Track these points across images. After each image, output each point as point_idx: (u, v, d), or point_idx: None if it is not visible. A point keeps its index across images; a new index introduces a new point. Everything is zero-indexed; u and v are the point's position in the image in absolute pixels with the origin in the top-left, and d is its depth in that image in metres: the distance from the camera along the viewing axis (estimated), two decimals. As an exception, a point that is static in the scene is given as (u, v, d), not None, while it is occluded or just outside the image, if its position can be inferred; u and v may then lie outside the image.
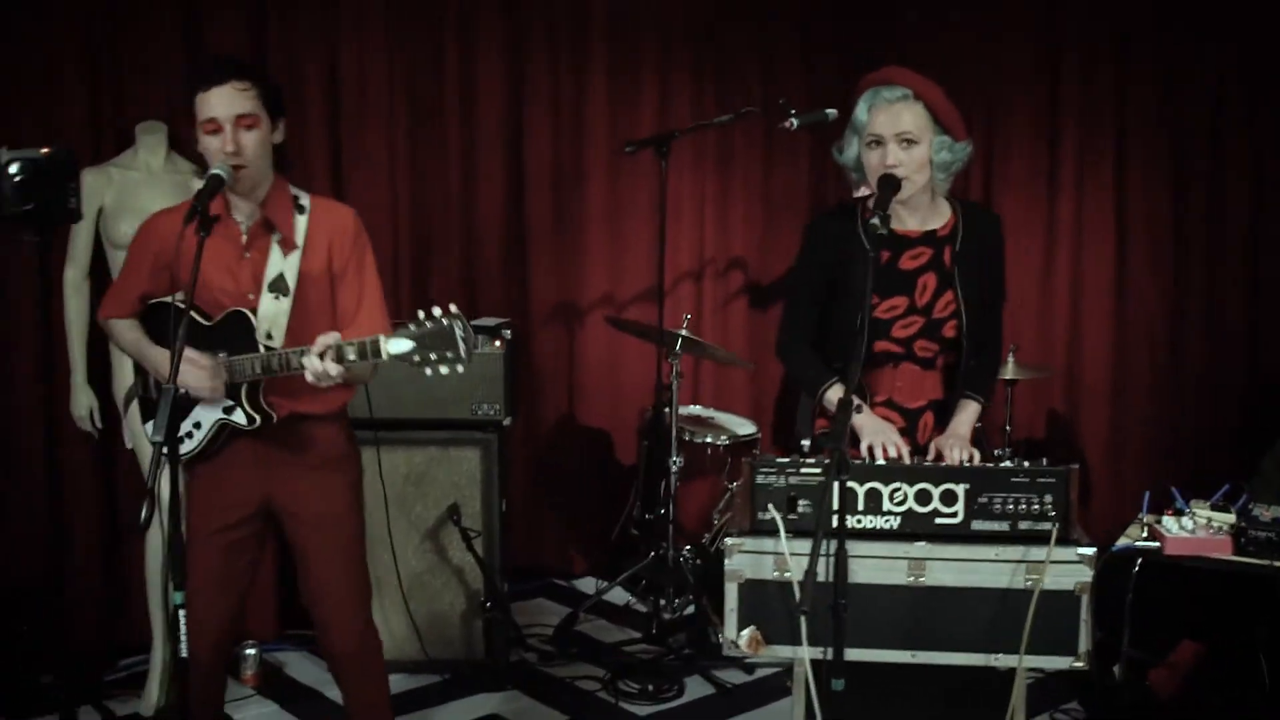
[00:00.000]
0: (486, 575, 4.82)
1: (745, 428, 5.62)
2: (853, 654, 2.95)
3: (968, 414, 3.43)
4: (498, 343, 4.84)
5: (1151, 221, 5.67)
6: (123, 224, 4.54)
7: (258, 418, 3.42)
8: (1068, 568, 3.03)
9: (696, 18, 5.95)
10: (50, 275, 3.64)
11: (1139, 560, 3.47)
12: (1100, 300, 5.76)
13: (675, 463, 5.15)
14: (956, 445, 3.31)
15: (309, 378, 3.19)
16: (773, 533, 3.09)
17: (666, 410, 5.62)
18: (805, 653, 3.04)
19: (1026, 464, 3.09)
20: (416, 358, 3.07)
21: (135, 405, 3.76)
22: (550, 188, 5.83)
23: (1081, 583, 3.04)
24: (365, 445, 4.67)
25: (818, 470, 3.10)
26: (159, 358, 3.44)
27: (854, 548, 2.94)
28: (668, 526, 5.15)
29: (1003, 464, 3.10)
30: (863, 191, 5.06)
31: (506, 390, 4.87)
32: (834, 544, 2.87)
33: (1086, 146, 5.73)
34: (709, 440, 5.44)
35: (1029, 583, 3.04)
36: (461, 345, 3.05)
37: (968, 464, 3.19)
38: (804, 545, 3.03)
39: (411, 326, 3.06)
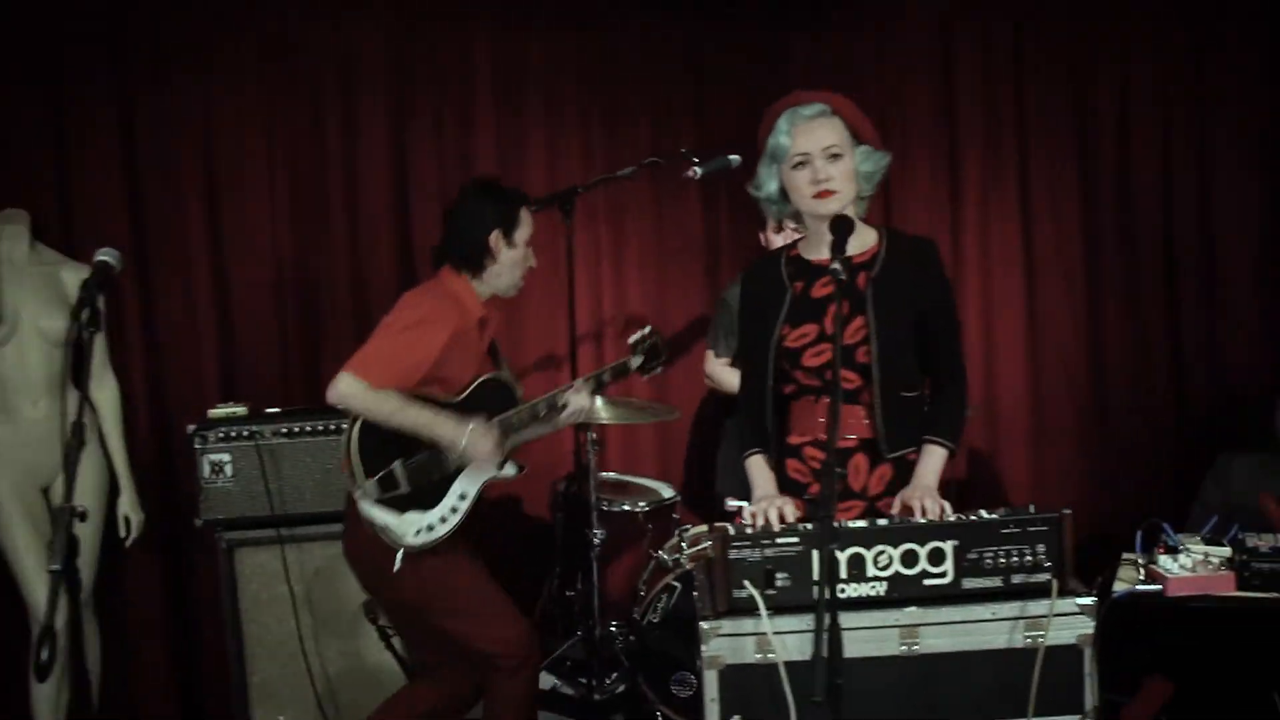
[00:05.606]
0: (410, 675, 4.47)
1: (665, 491, 5.36)
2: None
3: (933, 461, 3.23)
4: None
5: (1061, 245, 5.56)
6: None
7: (524, 465, 3.89)
8: (1068, 620, 2.85)
9: (583, 70, 5.74)
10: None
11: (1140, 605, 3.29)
12: (1013, 331, 5.64)
13: (597, 535, 4.89)
14: (925, 497, 3.11)
15: (570, 416, 3.92)
16: (752, 611, 2.84)
17: (582, 480, 5.37)
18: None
19: (1014, 513, 2.91)
20: (654, 367, 4.23)
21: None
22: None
23: (1083, 635, 2.86)
24: (269, 544, 4.41)
25: (795, 540, 2.87)
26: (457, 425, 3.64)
27: (841, 619, 2.69)
28: (592, 603, 4.87)
29: (987, 515, 2.92)
30: (778, 241, 4.93)
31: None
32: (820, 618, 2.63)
33: (988, 174, 5.63)
34: (626, 507, 5.17)
35: (1029, 640, 2.84)
36: (665, 353, 4.23)
37: (940, 518, 3.00)
38: (786, 622, 2.82)
39: (637, 347, 4.17)
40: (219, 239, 5.17)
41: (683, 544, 4.92)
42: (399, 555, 3.62)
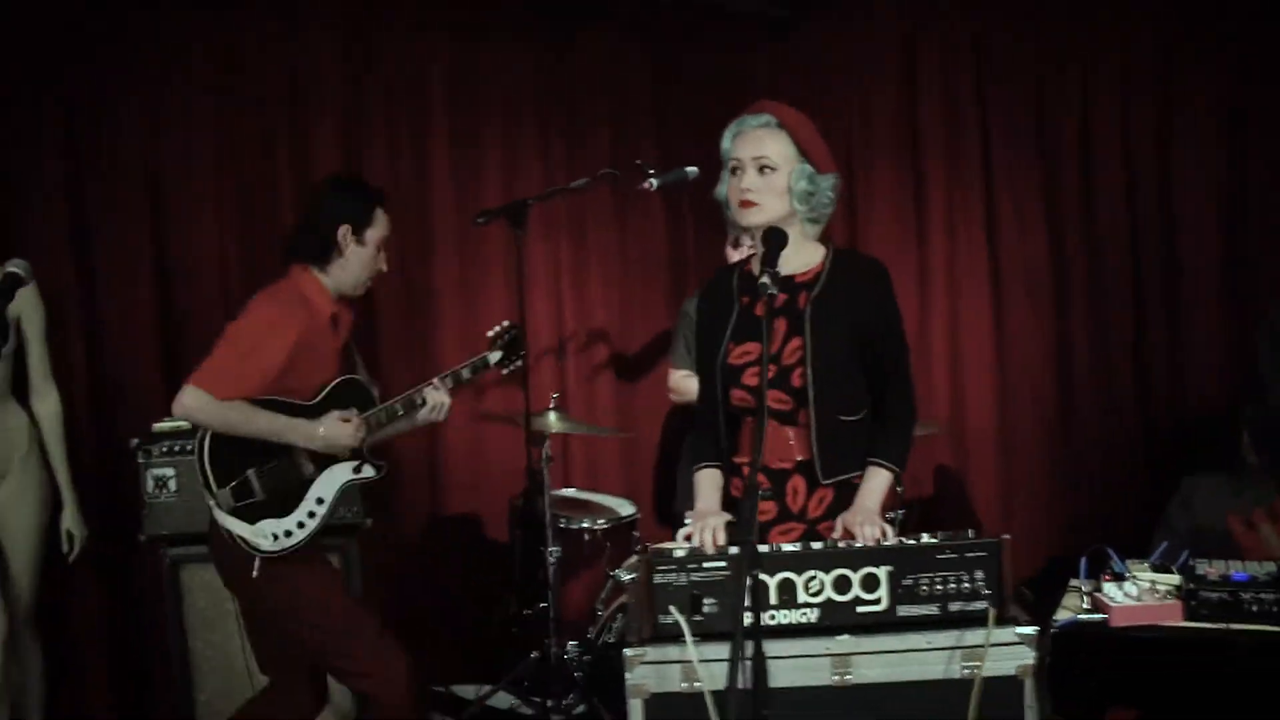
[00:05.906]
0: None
1: (624, 508, 5.26)
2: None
3: (876, 483, 3.13)
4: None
5: (1028, 260, 5.50)
6: None
7: (384, 465, 3.79)
8: (1007, 650, 2.74)
9: (542, 81, 5.65)
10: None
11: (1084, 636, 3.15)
12: (980, 347, 5.55)
13: (552, 553, 4.79)
14: (866, 521, 3.00)
15: (430, 413, 3.81)
16: (677, 638, 2.74)
17: (538, 497, 5.27)
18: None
19: (950, 538, 2.80)
20: (514, 361, 4.08)
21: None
22: (396, 267, 5.44)
23: (1023, 665, 2.75)
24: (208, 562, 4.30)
25: (723, 564, 2.76)
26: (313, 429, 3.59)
27: (770, 647, 2.59)
28: (549, 622, 4.76)
29: (925, 539, 2.81)
30: (734, 256, 4.84)
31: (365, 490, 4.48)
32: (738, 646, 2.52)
33: (954, 185, 5.56)
34: (585, 525, 5.07)
35: (967, 671, 2.73)
36: (525, 347, 4.12)
37: (880, 542, 2.89)
38: (714, 649, 2.71)
39: (495, 341, 4.03)
40: (165, 251, 5.10)
41: (640, 562, 4.82)
42: (256, 561, 3.55)
